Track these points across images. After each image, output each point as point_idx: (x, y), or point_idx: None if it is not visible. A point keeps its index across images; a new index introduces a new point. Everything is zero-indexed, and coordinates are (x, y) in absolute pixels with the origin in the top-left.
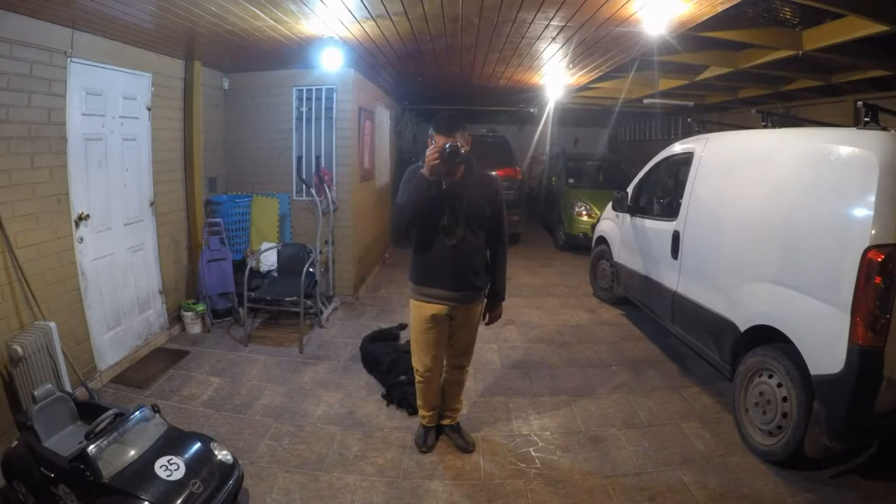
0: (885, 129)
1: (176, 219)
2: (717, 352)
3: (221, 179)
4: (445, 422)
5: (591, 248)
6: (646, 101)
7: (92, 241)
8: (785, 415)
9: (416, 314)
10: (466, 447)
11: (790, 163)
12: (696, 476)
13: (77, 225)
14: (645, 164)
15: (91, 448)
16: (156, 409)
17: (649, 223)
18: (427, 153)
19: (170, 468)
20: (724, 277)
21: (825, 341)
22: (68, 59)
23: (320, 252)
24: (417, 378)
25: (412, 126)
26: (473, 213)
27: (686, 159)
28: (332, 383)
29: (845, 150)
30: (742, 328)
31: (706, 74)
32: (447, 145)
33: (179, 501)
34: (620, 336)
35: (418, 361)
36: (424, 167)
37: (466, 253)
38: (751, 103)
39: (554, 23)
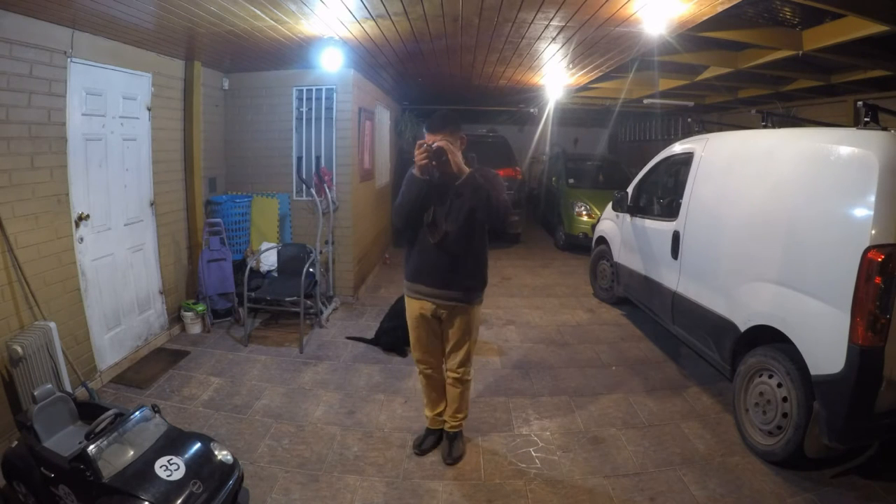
0: (885, 129)
1: (176, 219)
2: (717, 352)
3: (221, 179)
4: (446, 427)
5: (591, 248)
6: (646, 101)
7: (92, 241)
8: (785, 415)
9: (407, 310)
10: (447, 458)
11: (790, 163)
12: (696, 476)
13: (77, 225)
14: (645, 164)
15: (91, 448)
16: (156, 410)
17: (649, 223)
18: (415, 153)
19: (170, 468)
20: (724, 277)
21: (825, 341)
22: (68, 59)
23: (320, 252)
24: (418, 372)
25: (412, 126)
26: (462, 209)
27: (686, 159)
28: (332, 383)
29: (845, 150)
30: (742, 328)
31: (706, 74)
32: (433, 144)
33: (179, 501)
34: (620, 336)
35: (414, 353)
36: (415, 167)
37: (450, 250)
38: (751, 103)
39: (554, 23)
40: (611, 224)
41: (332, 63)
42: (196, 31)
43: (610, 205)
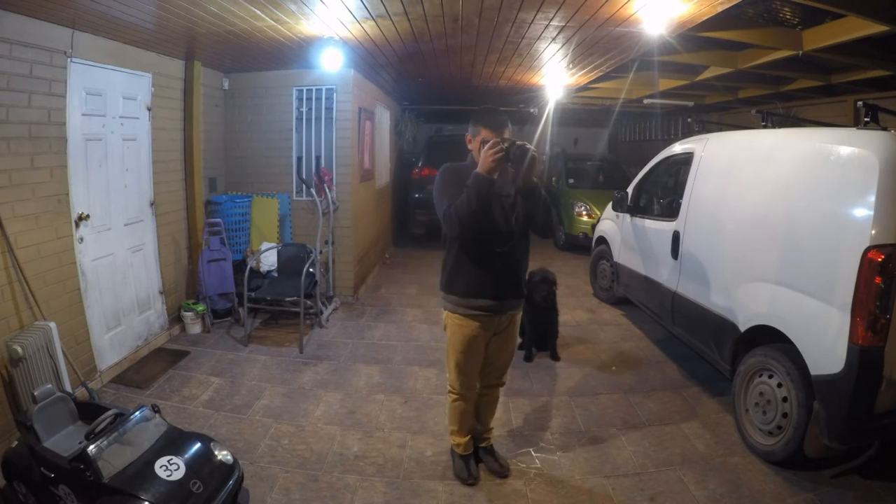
0: (885, 129)
1: (176, 219)
2: (717, 352)
3: (221, 179)
4: (482, 444)
5: (591, 248)
6: (646, 101)
7: (92, 242)
8: (785, 415)
9: (457, 332)
10: (502, 471)
11: (790, 163)
12: (696, 476)
13: (77, 225)
14: (645, 164)
15: (91, 448)
16: (156, 410)
17: (649, 223)
18: (486, 149)
19: (170, 468)
20: (725, 278)
21: (825, 341)
22: (68, 60)
23: (320, 252)
24: (453, 398)
25: (412, 126)
26: (520, 213)
27: (686, 159)
28: (332, 383)
29: (845, 150)
30: (742, 328)
31: (706, 74)
32: (514, 143)
33: (179, 501)
34: (620, 336)
35: (457, 381)
36: (481, 165)
37: (511, 258)
38: (751, 103)
39: (554, 23)
40: (611, 224)
41: (332, 63)
42: (196, 31)
43: (610, 205)
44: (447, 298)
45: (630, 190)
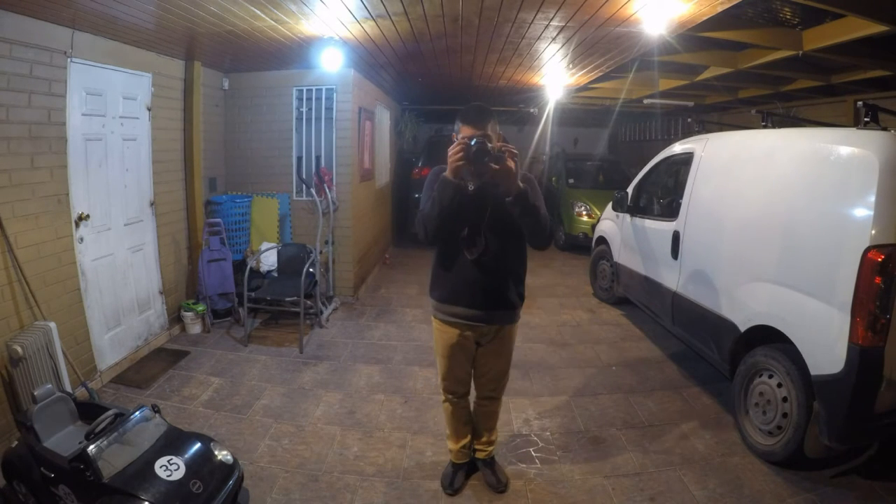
0: (885, 129)
1: (176, 219)
2: (717, 352)
3: (221, 179)
4: (479, 455)
5: (591, 248)
6: (646, 101)
7: (92, 241)
8: (785, 415)
9: (437, 336)
10: (498, 486)
11: (790, 163)
12: (696, 476)
13: (77, 225)
14: (645, 164)
15: (91, 448)
16: (156, 409)
17: (649, 223)
18: (449, 151)
19: (170, 468)
20: (724, 278)
21: (825, 341)
22: (68, 60)
23: (320, 252)
24: (441, 399)
25: (412, 126)
26: (502, 218)
27: (686, 159)
28: (332, 383)
29: (845, 150)
30: (742, 328)
31: (706, 74)
32: (473, 141)
33: (179, 501)
34: (620, 336)
35: (441, 383)
36: (447, 168)
37: (490, 266)
38: (751, 103)
39: (554, 23)
40: (611, 224)
41: (332, 63)
42: (196, 31)
43: (610, 205)
44: (430, 302)
45: (630, 190)
